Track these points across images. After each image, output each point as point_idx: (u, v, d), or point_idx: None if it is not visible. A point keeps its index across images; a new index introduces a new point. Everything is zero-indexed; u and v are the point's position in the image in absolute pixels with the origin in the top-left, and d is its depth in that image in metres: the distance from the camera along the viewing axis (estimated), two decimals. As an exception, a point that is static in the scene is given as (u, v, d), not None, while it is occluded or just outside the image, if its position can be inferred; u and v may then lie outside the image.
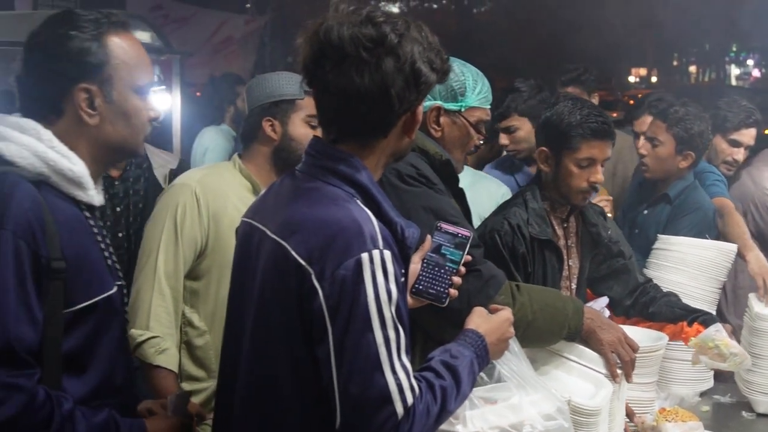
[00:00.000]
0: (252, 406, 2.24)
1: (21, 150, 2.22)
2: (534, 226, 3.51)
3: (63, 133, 2.27)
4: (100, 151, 2.33)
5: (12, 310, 2.08)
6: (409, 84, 2.16)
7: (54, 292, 2.16)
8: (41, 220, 2.14)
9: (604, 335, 3.02)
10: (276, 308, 2.17)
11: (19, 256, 2.10)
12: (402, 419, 2.05)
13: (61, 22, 2.28)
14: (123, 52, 2.30)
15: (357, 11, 2.17)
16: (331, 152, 2.24)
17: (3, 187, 2.16)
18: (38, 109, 2.29)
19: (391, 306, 2.07)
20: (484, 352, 2.36)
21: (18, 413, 2.06)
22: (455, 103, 3.08)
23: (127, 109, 2.32)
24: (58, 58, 2.25)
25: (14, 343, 2.07)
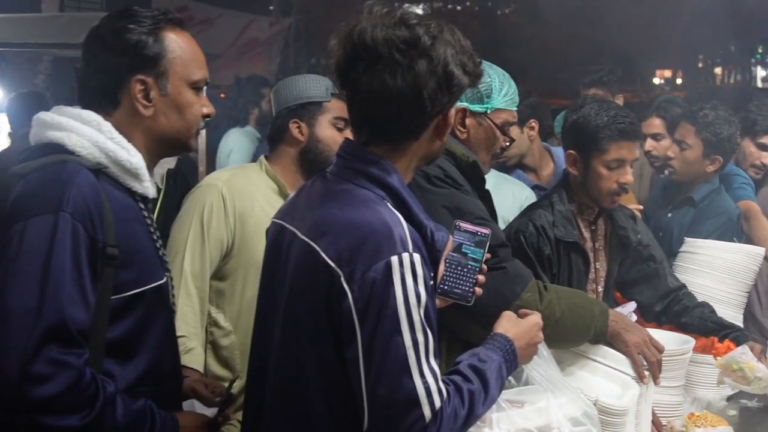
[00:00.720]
0: (281, 406, 2.24)
1: (82, 140, 2.28)
2: (560, 228, 3.49)
3: (119, 124, 2.34)
4: (153, 142, 2.40)
5: (67, 290, 2.12)
6: (442, 86, 2.16)
7: (105, 278, 2.21)
8: (99, 207, 2.20)
9: (629, 337, 3.02)
10: (305, 309, 2.18)
11: (76, 239, 2.15)
12: (429, 422, 2.04)
13: (120, 16, 2.35)
14: (178, 47, 2.37)
15: (390, 13, 2.18)
16: (363, 154, 2.24)
17: (63, 173, 2.20)
18: (96, 101, 2.36)
19: (420, 309, 2.07)
20: (512, 356, 2.35)
21: (65, 390, 2.09)
22: (481, 104, 3.07)
23: (181, 102, 2.39)
24: (116, 50, 2.32)
25: (70, 322, 2.11)
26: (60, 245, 2.13)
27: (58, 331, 2.09)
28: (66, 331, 2.10)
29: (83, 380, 2.12)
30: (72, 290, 2.13)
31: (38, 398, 2.06)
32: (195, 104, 2.42)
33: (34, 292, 2.10)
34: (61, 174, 2.21)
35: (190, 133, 2.44)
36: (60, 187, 2.18)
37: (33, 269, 2.12)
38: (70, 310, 2.11)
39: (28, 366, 2.06)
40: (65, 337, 2.11)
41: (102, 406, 2.16)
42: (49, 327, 2.08)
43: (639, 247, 3.74)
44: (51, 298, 2.10)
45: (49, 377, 2.07)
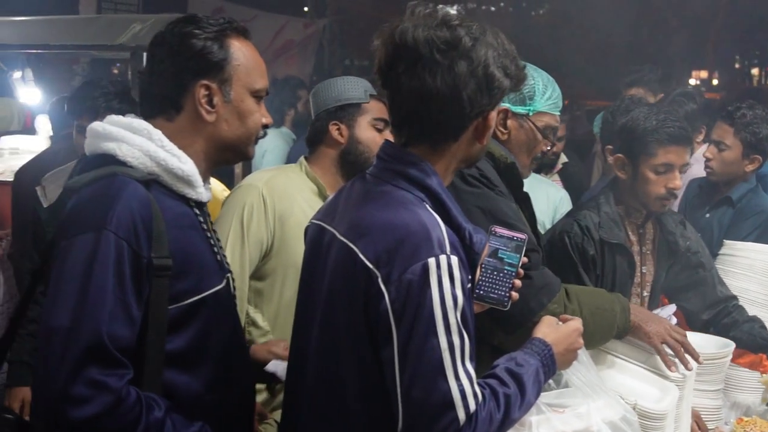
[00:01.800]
0: (318, 405, 2.25)
1: (133, 150, 2.29)
2: (605, 229, 3.48)
3: (180, 130, 2.36)
4: (213, 149, 2.40)
5: (108, 308, 2.11)
6: (482, 88, 2.16)
7: (158, 291, 2.21)
8: (147, 220, 2.19)
9: (650, 328, 3.02)
10: (343, 310, 2.18)
11: (120, 256, 2.14)
12: (464, 425, 2.04)
13: (185, 22, 2.36)
14: (242, 54, 2.38)
15: (432, 14, 2.18)
16: (402, 156, 2.24)
17: (111, 189, 2.21)
18: (159, 105, 2.37)
19: (457, 312, 2.07)
20: (550, 361, 2.34)
21: (104, 412, 2.08)
22: (523, 106, 3.05)
23: (243, 110, 2.39)
24: (181, 54, 2.32)
25: (108, 340, 2.09)
26: (101, 264, 2.13)
27: (97, 351, 2.09)
28: (105, 350, 2.09)
29: (124, 403, 2.11)
30: (114, 308, 2.12)
31: (77, 420, 2.06)
32: (256, 113, 2.42)
33: (73, 312, 2.10)
34: (109, 189, 2.21)
35: (250, 141, 2.44)
36: (106, 203, 2.18)
37: (73, 288, 2.12)
38: (110, 329, 2.10)
39: (67, 387, 2.06)
40: (105, 357, 2.10)
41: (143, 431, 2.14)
42: (87, 347, 2.08)
43: (688, 253, 3.71)
44: (89, 318, 2.10)
45: (87, 399, 2.07)
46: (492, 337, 2.75)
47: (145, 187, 2.25)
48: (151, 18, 6.25)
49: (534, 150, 3.13)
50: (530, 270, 2.78)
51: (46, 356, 2.10)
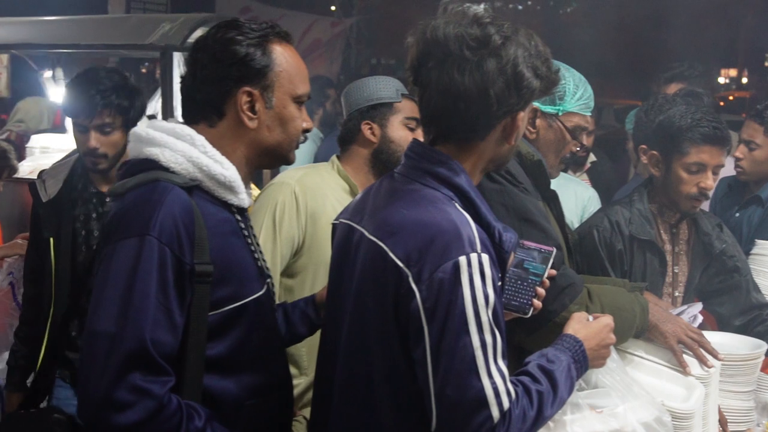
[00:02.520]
0: (348, 403, 2.26)
1: (176, 156, 2.30)
2: (635, 225, 3.48)
3: (222, 135, 2.36)
4: (254, 154, 2.40)
5: (151, 315, 2.12)
6: (510, 87, 2.16)
7: (199, 297, 2.22)
8: (190, 226, 2.20)
9: (666, 327, 3.01)
10: (372, 309, 2.19)
11: (163, 262, 2.16)
12: (498, 423, 2.04)
13: (227, 27, 2.36)
14: (285, 60, 2.38)
15: (465, 12, 2.18)
16: (430, 154, 2.24)
17: (154, 194, 2.22)
18: (201, 111, 2.37)
19: (488, 310, 2.07)
20: (582, 357, 2.34)
21: (145, 419, 2.09)
22: (553, 106, 3.04)
23: (285, 115, 2.39)
24: (224, 61, 2.32)
25: (151, 347, 2.11)
26: (144, 269, 2.14)
27: (140, 357, 2.10)
28: (148, 356, 2.11)
29: (166, 410, 2.13)
30: (157, 314, 2.14)
31: (119, 425, 2.08)
32: (297, 118, 2.42)
33: (117, 317, 2.12)
34: (152, 195, 2.22)
35: (291, 147, 2.44)
36: (149, 209, 2.19)
37: (116, 294, 2.14)
38: (153, 335, 2.12)
39: (110, 392, 2.08)
40: (148, 364, 2.11)
41: None
42: (130, 353, 2.10)
43: (723, 257, 3.68)
44: (132, 324, 2.11)
45: (129, 405, 2.08)
46: (512, 337, 2.75)
47: (187, 192, 2.26)
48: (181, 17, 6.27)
49: (563, 151, 3.12)
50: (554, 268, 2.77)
51: (90, 361, 2.12)
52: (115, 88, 3.60)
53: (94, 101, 3.56)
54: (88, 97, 3.58)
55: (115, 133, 3.61)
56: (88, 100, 3.57)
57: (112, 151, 3.62)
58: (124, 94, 3.62)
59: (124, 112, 3.61)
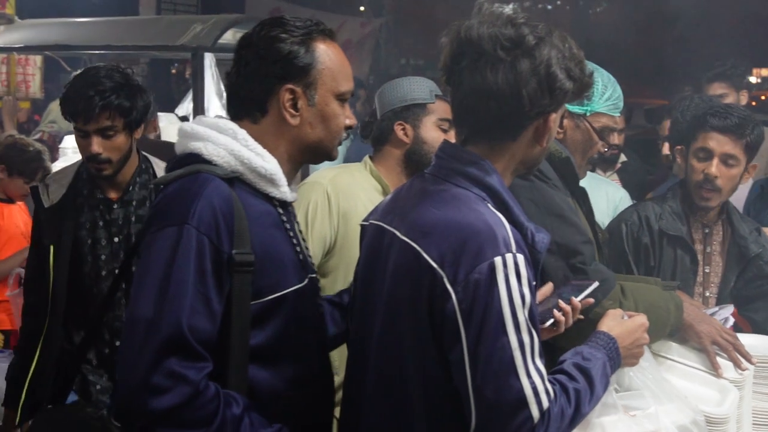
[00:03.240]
0: (380, 403, 2.25)
1: (218, 149, 2.33)
2: (665, 220, 3.48)
3: (265, 131, 2.38)
4: (297, 151, 2.42)
5: (188, 302, 2.15)
6: (543, 87, 2.15)
7: (241, 285, 2.24)
8: (229, 217, 2.22)
9: (701, 328, 2.99)
10: (405, 310, 2.18)
11: (201, 250, 2.18)
12: (537, 423, 2.03)
13: (272, 25, 2.37)
14: (328, 58, 2.39)
15: (499, 12, 2.18)
16: (462, 155, 2.24)
17: (194, 185, 2.25)
18: (245, 107, 2.40)
19: (525, 310, 2.06)
20: (615, 354, 2.34)
21: (182, 403, 2.11)
22: (581, 106, 3.03)
23: (327, 113, 2.40)
24: (267, 58, 2.34)
25: (188, 333, 2.13)
26: (182, 257, 2.16)
27: (177, 343, 2.12)
28: (185, 342, 2.13)
29: (203, 396, 2.14)
30: (195, 301, 2.16)
31: (155, 410, 2.10)
32: (340, 115, 2.43)
33: (155, 304, 2.14)
34: (192, 186, 2.25)
35: (333, 144, 2.46)
36: (189, 199, 2.22)
37: (155, 281, 2.16)
38: (191, 321, 2.14)
39: (147, 377, 2.09)
40: (185, 349, 2.13)
41: (220, 426, 2.16)
42: (167, 338, 2.12)
43: (760, 261, 3.64)
44: (169, 310, 2.13)
45: (166, 390, 2.10)
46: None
47: (229, 184, 2.28)
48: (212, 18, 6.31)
49: (590, 151, 3.11)
50: (584, 264, 2.77)
51: (129, 346, 2.14)
52: (115, 88, 3.36)
53: (93, 103, 3.33)
54: (87, 99, 3.34)
55: (118, 136, 3.40)
56: (87, 103, 3.34)
57: (116, 155, 3.42)
58: (125, 93, 3.38)
59: (125, 114, 3.39)
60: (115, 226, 3.50)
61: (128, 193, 3.53)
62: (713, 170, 3.48)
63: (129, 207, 3.52)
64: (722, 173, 3.51)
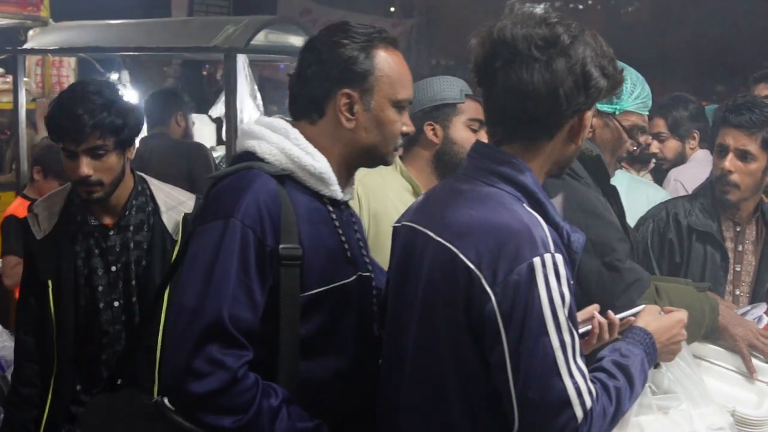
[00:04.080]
0: (417, 408, 2.24)
1: (271, 147, 2.42)
2: (695, 217, 3.47)
3: (321, 133, 2.46)
4: (350, 154, 2.49)
5: (230, 291, 2.23)
6: (579, 86, 2.14)
7: (289, 278, 2.31)
8: (275, 212, 2.31)
9: (736, 330, 2.99)
10: (442, 312, 2.17)
11: (245, 243, 2.27)
12: (581, 423, 2.03)
13: (336, 30, 2.45)
14: (387, 65, 2.44)
15: (531, 12, 2.18)
16: (496, 155, 2.23)
17: (243, 180, 2.34)
18: (304, 109, 2.48)
19: (565, 309, 2.05)
20: (652, 349, 2.33)
21: (219, 389, 2.19)
22: (610, 105, 3.03)
23: (383, 119, 2.46)
24: (327, 62, 2.41)
25: (228, 321, 2.21)
26: (226, 249, 2.25)
27: (218, 330, 2.20)
28: (226, 330, 2.21)
29: (240, 383, 2.22)
30: (237, 291, 2.24)
31: (193, 393, 2.19)
32: (396, 122, 2.48)
33: (199, 293, 2.23)
34: (241, 181, 2.34)
35: (388, 150, 2.51)
36: (236, 194, 2.31)
37: (200, 271, 2.26)
38: (232, 310, 2.22)
39: (189, 362, 2.19)
40: (225, 337, 2.21)
41: (255, 415, 2.23)
42: (208, 325, 2.20)
43: None
44: (212, 299, 2.22)
45: (205, 375, 2.18)
46: None
47: (279, 182, 2.36)
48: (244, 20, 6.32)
49: (619, 150, 3.12)
50: (619, 262, 2.75)
51: (173, 332, 2.26)
52: (105, 105, 3.14)
53: (82, 122, 3.10)
54: (75, 117, 3.11)
55: (109, 156, 3.17)
56: (75, 122, 3.11)
57: (108, 177, 3.19)
58: (116, 111, 3.17)
59: (117, 132, 3.16)
60: (112, 254, 3.29)
61: (124, 218, 3.31)
62: (727, 165, 3.51)
63: (126, 233, 3.31)
64: (738, 168, 3.53)
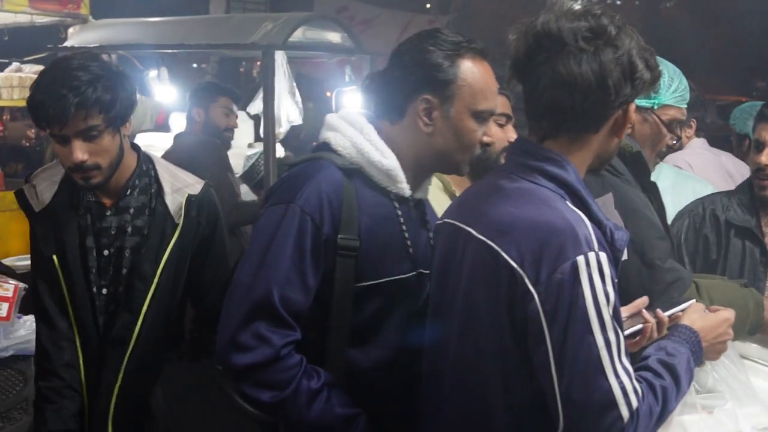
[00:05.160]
0: (459, 406, 2.24)
1: (344, 140, 2.51)
2: (734, 212, 3.45)
3: (398, 133, 2.52)
4: (425, 157, 2.52)
5: (283, 273, 2.34)
6: (625, 77, 2.12)
7: (344, 268, 2.41)
8: (336, 202, 2.40)
9: None
10: (484, 310, 2.15)
11: (302, 228, 2.37)
12: (627, 423, 2.00)
13: (426, 37, 2.50)
14: (471, 75, 2.46)
15: (574, 6, 2.16)
16: (539, 151, 2.20)
17: (310, 169, 2.46)
18: (386, 108, 2.53)
19: (609, 308, 2.03)
20: (698, 348, 2.31)
21: (259, 364, 2.31)
22: (648, 99, 3.00)
23: (461, 128, 2.48)
24: (412, 67, 2.46)
25: (278, 301, 2.32)
26: (284, 232, 2.36)
27: (266, 308, 2.31)
28: (274, 309, 2.31)
29: (283, 361, 2.32)
30: (290, 273, 2.34)
31: (236, 365, 2.31)
32: (474, 132, 2.49)
33: (253, 271, 2.35)
34: (308, 170, 2.45)
35: (463, 159, 2.53)
36: (301, 181, 2.42)
37: (258, 251, 2.38)
38: (283, 291, 2.33)
39: (236, 334, 2.31)
40: (273, 315, 2.32)
41: (293, 393, 2.32)
42: (258, 303, 2.31)
43: None
44: (264, 277, 2.33)
45: (249, 348, 2.30)
46: None
47: (347, 175, 2.45)
48: (283, 16, 6.36)
49: (658, 144, 3.09)
50: (659, 261, 2.74)
51: (227, 306, 2.37)
52: (92, 81, 2.79)
53: (67, 103, 2.75)
54: (59, 97, 2.76)
55: (102, 136, 2.85)
56: (59, 103, 2.76)
57: (105, 159, 2.88)
58: (104, 85, 2.81)
59: (107, 109, 2.82)
60: (107, 236, 3.01)
61: (124, 199, 3.02)
62: (763, 159, 3.50)
63: (124, 215, 3.02)
64: None
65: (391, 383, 2.50)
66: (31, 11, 7.37)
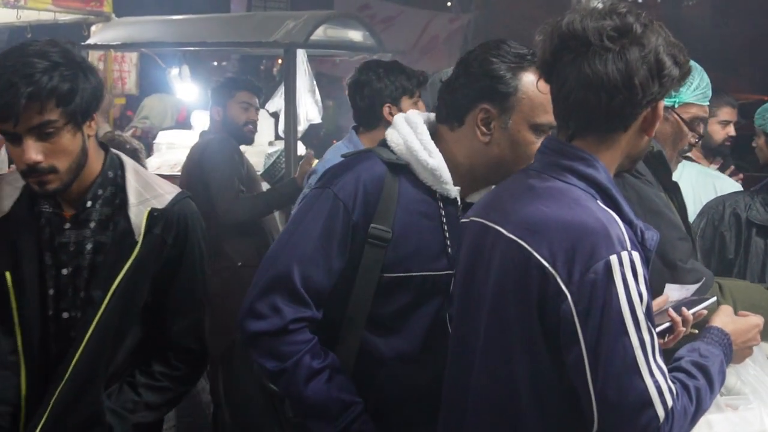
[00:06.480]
0: (487, 408, 2.21)
1: (398, 138, 2.58)
2: (755, 210, 3.44)
3: (456, 139, 2.57)
4: (480, 165, 2.57)
5: (309, 252, 2.46)
6: (653, 74, 2.09)
7: (371, 257, 2.49)
8: (372, 192, 2.50)
9: None
10: (513, 310, 2.13)
11: (334, 213, 2.47)
12: (663, 422, 1.99)
13: (491, 48, 2.54)
14: (532, 89, 2.48)
15: (599, 5, 2.15)
16: (568, 150, 2.18)
17: (355, 160, 2.59)
18: (447, 115, 2.59)
19: (643, 307, 2.01)
20: (729, 351, 2.29)
21: (268, 333, 2.44)
22: (669, 98, 2.96)
23: (518, 139, 2.51)
24: (474, 76, 2.51)
25: (298, 278, 2.44)
26: (315, 213, 2.49)
27: (284, 282, 2.44)
28: (291, 284, 2.44)
29: (291, 335, 2.44)
30: (315, 253, 2.46)
31: (247, 330, 2.47)
32: (532, 144, 2.50)
33: (281, 246, 2.52)
34: (353, 161, 2.58)
35: (518, 169, 2.46)
36: (343, 170, 2.55)
37: (290, 228, 2.55)
38: (305, 269, 2.45)
39: (254, 302, 2.47)
40: (290, 290, 2.44)
41: (293, 366, 2.43)
42: (277, 276, 2.46)
43: None
44: (287, 254, 2.48)
45: (261, 316, 2.45)
46: None
47: (394, 170, 2.53)
48: (304, 15, 6.36)
49: (680, 143, 3.07)
50: (681, 262, 2.73)
51: (255, 277, 2.51)
52: (48, 68, 2.34)
53: (18, 93, 2.29)
54: (8, 86, 2.30)
55: (62, 134, 2.38)
56: (9, 91, 2.30)
57: (63, 161, 2.41)
58: (63, 74, 2.36)
59: (64, 101, 2.35)
60: (65, 253, 2.52)
61: (84, 212, 2.53)
62: None
63: (84, 230, 2.53)
64: None
65: (413, 376, 2.52)
66: (55, 9, 7.43)
